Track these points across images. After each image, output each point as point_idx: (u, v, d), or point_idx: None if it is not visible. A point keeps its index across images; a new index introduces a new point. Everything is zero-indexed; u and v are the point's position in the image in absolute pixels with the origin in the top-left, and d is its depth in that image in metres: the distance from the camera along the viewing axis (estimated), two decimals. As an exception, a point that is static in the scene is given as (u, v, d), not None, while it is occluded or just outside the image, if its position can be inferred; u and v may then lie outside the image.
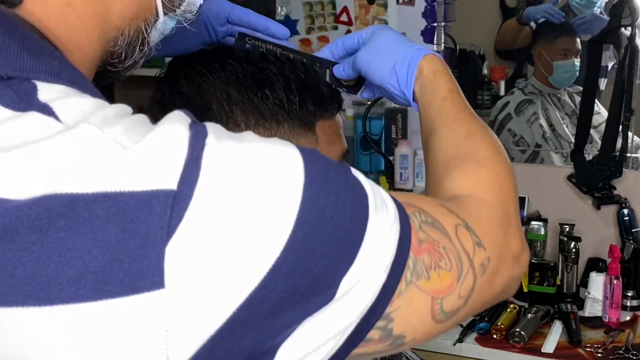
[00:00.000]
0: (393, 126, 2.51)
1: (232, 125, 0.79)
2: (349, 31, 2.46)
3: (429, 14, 2.36)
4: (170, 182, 0.43)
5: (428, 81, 0.78)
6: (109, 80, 0.63)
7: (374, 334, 0.52)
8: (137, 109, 0.51)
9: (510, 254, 0.64)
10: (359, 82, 0.89)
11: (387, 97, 0.87)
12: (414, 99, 0.80)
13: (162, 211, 0.42)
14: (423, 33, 2.37)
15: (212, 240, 0.43)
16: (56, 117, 0.44)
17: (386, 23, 2.41)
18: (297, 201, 0.46)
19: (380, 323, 0.52)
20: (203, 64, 0.82)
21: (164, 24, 0.63)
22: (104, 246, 0.41)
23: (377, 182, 2.46)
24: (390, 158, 2.45)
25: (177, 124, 0.45)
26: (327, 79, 0.87)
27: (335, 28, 2.50)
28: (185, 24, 0.66)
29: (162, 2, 0.61)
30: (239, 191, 0.44)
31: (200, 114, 0.80)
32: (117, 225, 0.41)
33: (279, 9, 2.57)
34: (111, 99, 0.50)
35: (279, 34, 0.88)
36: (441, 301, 0.55)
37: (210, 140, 0.45)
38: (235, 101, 0.80)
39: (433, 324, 0.56)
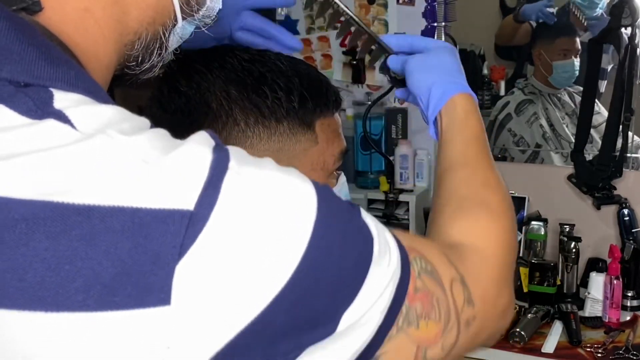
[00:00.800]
0: (393, 126, 2.51)
1: (232, 123, 0.79)
2: (349, 31, 2.46)
3: (429, 14, 2.36)
4: (188, 202, 0.43)
5: (459, 118, 0.79)
6: (126, 83, 0.64)
7: None
8: (137, 109, 0.51)
9: (498, 310, 0.66)
10: (404, 79, 0.90)
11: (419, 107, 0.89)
12: (435, 127, 0.82)
13: (176, 230, 0.43)
14: (423, 33, 2.37)
15: (222, 263, 0.44)
16: (72, 125, 0.44)
17: (386, 23, 2.41)
18: (307, 236, 0.47)
19: None
20: (202, 63, 0.82)
21: (183, 29, 0.64)
22: (116, 259, 0.42)
23: (377, 182, 2.46)
24: (391, 158, 2.45)
25: (201, 145, 0.46)
26: (380, 63, 0.90)
27: (335, 28, 2.50)
28: (203, 29, 0.66)
29: (181, 7, 0.61)
30: (253, 220, 0.45)
31: (200, 113, 0.80)
32: (131, 239, 0.42)
33: (279, 9, 2.57)
34: (111, 99, 0.50)
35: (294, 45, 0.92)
36: (425, 350, 0.57)
37: (232, 165, 0.46)
38: (234, 100, 0.80)
39: None
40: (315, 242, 0.47)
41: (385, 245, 0.53)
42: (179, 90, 0.81)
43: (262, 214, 0.46)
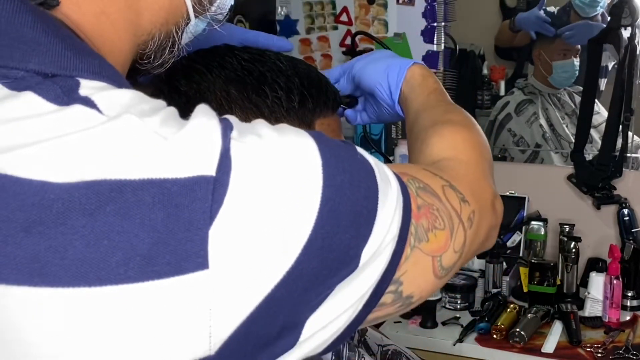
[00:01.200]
0: (393, 126, 2.52)
1: (232, 123, 0.79)
2: (349, 31, 2.46)
3: (429, 14, 2.36)
4: (209, 169, 0.45)
5: (417, 82, 0.88)
6: (137, 76, 0.66)
7: (386, 298, 0.57)
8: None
9: (488, 202, 0.70)
10: (353, 99, 0.99)
11: (372, 118, 0.99)
12: (399, 102, 0.89)
13: (204, 196, 0.44)
14: (423, 33, 2.37)
15: (251, 222, 0.46)
16: (98, 109, 0.46)
17: (386, 23, 2.41)
18: (320, 181, 0.49)
19: (391, 287, 0.56)
20: (202, 63, 0.82)
21: (195, 26, 0.65)
22: (151, 230, 0.43)
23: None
24: (391, 158, 2.45)
25: (207, 117, 0.48)
26: None
27: (335, 28, 2.51)
28: (215, 26, 0.68)
29: (193, 6, 0.63)
30: (268, 178, 0.47)
31: (200, 113, 0.80)
32: (163, 209, 0.43)
33: (279, 9, 2.57)
34: (130, 84, 0.52)
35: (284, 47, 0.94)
36: (440, 258, 0.60)
37: (234, 135, 0.48)
38: (234, 99, 0.80)
39: (435, 280, 0.61)
40: (328, 184, 0.49)
41: (384, 175, 0.55)
42: (178, 90, 0.81)
43: (274, 172, 0.48)
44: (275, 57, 0.84)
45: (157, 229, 0.43)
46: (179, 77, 0.82)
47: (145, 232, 0.43)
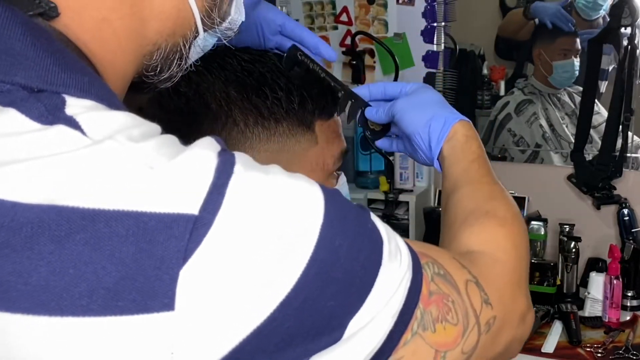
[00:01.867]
0: (393, 126, 2.51)
1: (231, 124, 0.79)
2: (349, 31, 2.46)
3: (429, 14, 2.36)
4: (192, 206, 0.43)
5: (460, 143, 0.81)
6: (144, 91, 0.63)
7: None
8: (137, 110, 0.50)
9: (516, 313, 0.65)
10: (383, 129, 0.92)
11: (406, 152, 0.91)
12: (438, 158, 0.83)
13: (180, 234, 0.42)
14: (423, 33, 2.37)
15: (226, 268, 0.44)
16: (82, 131, 0.44)
17: (386, 23, 2.41)
18: (314, 239, 0.47)
19: None
20: (202, 64, 0.81)
21: (205, 41, 0.63)
22: (120, 263, 0.42)
23: (377, 182, 2.46)
24: (390, 158, 2.45)
25: (206, 150, 0.46)
26: (357, 116, 0.89)
27: (335, 28, 2.51)
28: (224, 42, 0.66)
29: (202, 19, 0.61)
30: (259, 223, 0.45)
31: (199, 114, 0.80)
32: (135, 244, 0.42)
33: (279, 9, 2.57)
34: (124, 105, 0.50)
35: (327, 55, 0.90)
36: (444, 354, 0.56)
37: (237, 169, 0.46)
38: (234, 100, 0.80)
39: None
40: (322, 245, 0.47)
41: (395, 249, 0.53)
42: (178, 91, 0.81)
43: (267, 217, 0.45)
44: (275, 57, 0.84)
45: (126, 264, 0.42)
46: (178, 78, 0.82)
47: (114, 265, 0.41)
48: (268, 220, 0.45)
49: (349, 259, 0.49)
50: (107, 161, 0.43)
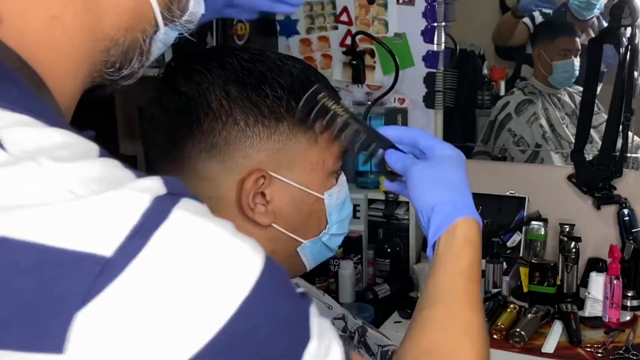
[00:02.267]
0: (393, 126, 2.50)
1: (232, 123, 0.79)
2: (349, 31, 2.46)
3: (429, 14, 2.36)
4: (105, 248, 0.41)
5: (455, 246, 0.75)
6: (107, 91, 0.61)
7: None
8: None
9: None
10: (397, 177, 0.87)
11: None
12: (433, 245, 0.77)
13: (85, 275, 0.40)
14: (423, 33, 2.37)
15: (126, 319, 0.41)
16: (1, 146, 0.42)
17: (386, 23, 2.41)
18: (233, 307, 0.43)
19: None
20: (202, 63, 0.81)
21: (165, 35, 0.61)
22: (15, 297, 0.40)
23: (377, 182, 2.46)
24: (390, 158, 2.44)
25: (138, 192, 0.43)
26: (377, 154, 0.84)
27: (336, 28, 2.50)
28: (186, 34, 0.64)
29: (162, 13, 0.59)
30: (176, 277, 0.42)
31: (200, 113, 0.80)
32: (36, 279, 0.40)
33: (279, 9, 2.57)
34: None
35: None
36: None
37: (176, 215, 0.43)
38: (234, 99, 0.79)
39: None
40: (239, 318, 0.43)
41: (325, 352, 0.49)
42: (178, 90, 0.81)
43: (188, 271, 0.42)
44: (275, 57, 0.84)
45: (22, 298, 0.39)
46: (178, 78, 0.82)
47: (8, 297, 0.39)
48: (188, 276, 0.42)
49: (264, 343, 0.45)
50: (21, 183, 0.40)
